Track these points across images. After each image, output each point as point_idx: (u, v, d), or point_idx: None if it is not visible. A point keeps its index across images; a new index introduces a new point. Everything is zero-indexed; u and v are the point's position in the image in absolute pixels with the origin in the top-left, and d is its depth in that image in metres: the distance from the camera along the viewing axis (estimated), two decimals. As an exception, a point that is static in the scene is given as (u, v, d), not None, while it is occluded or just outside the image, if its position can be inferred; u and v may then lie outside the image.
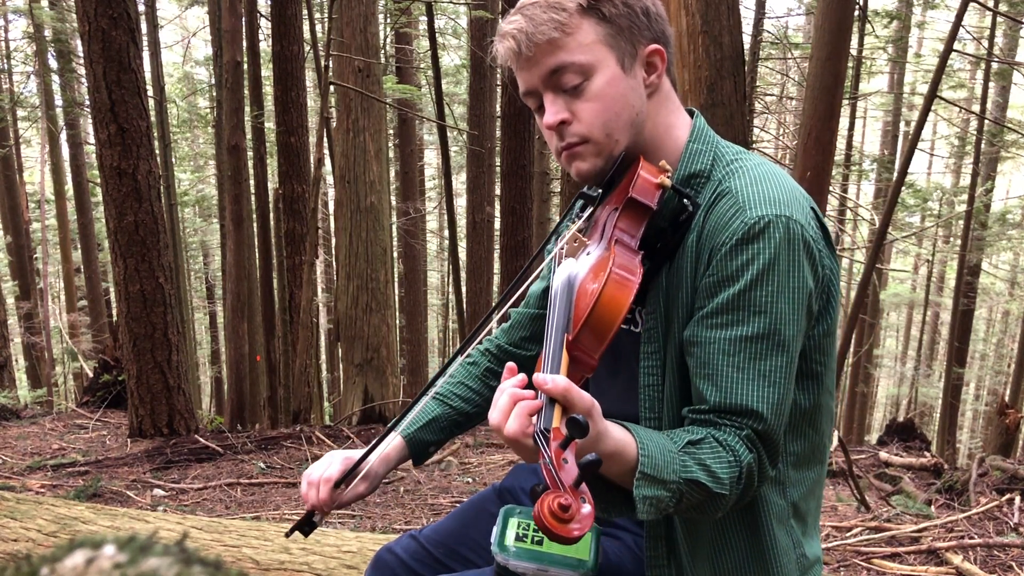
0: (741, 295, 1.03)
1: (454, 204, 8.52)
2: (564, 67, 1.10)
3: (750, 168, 1.11)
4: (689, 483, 0.98)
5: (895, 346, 24.70)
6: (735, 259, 1.04)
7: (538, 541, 1.14)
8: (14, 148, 13.93)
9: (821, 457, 1.20)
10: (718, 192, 1.10)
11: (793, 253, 1.04)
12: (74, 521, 2.54)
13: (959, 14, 6.23)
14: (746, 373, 1.03)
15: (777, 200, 1.05)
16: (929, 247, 18.73)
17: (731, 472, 1.01)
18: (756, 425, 1.03)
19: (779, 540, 1.13)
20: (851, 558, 3.06)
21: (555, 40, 1.09)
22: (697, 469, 0.99)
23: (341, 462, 1.33)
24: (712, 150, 1.16)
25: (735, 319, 1.04)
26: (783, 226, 1.03)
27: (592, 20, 1.09)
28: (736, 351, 1.04)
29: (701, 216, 1.10)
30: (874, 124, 20.21)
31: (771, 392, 1.04)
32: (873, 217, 12.21)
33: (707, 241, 1.08)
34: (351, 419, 6.92)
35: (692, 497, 0.99)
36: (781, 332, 1.04)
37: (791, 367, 1.06)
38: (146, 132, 5.12)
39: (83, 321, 14.12)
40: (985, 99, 11.22)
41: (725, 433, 1.03)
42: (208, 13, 12.95)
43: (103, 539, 0.43)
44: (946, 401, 11.97)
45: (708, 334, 1.06)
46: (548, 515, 0.77)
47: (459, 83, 16.78)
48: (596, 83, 1.11)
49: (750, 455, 1.03)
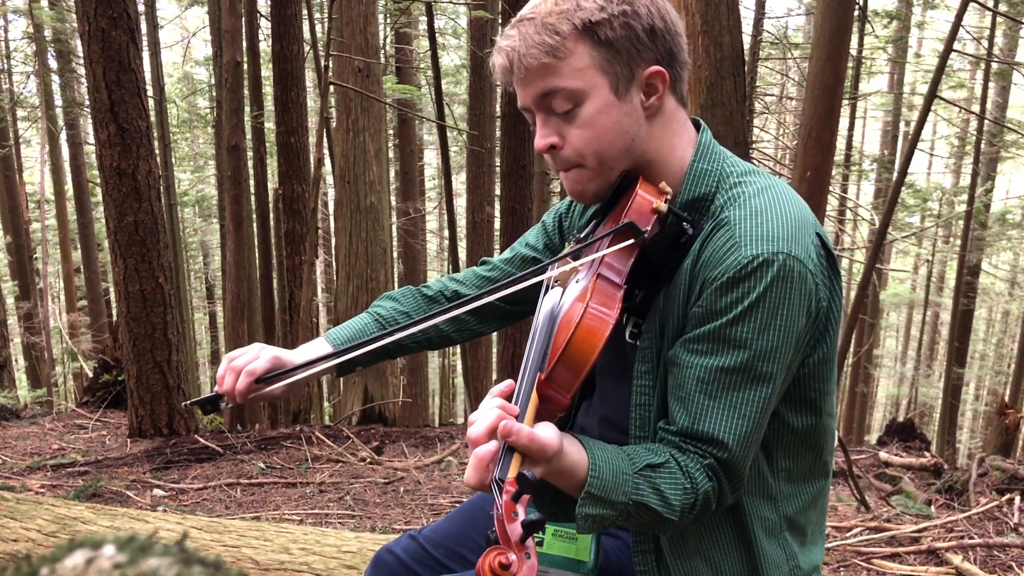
0: (723, 328, 1.03)
1: (454, 204, 8.52)
2: (554, 92, 1.07)
3: (751, 195, 1.08)
4: (638, 505, 1.00)
5: (895, 346, 24.70)
6: (724, 296, 1.03)
7: (538, 542, 1.14)
8: (14, 148, 13.93)
9: (822, 471, 1.20)
10: (716, 223, 1.08)
11: (784, 292, 1.02)
12: (74, 521, 2.54)
13: (959, 14, 6.23)
14: (717, 402, 1.03)
15: (774, 236, 1.03)
16: (929, 247, 18.73)
17: (684, 499, 1.02)
18: (720, 454, 1.03)
19: (768, 553, 1.13)
20: (851, 558, 3.06)
21: (546, 64, 1.06)
22: (650, 493, 1.01)
23: (270, 359, 1.27)
24: (717, 170, 1.13)
25: (714, 349, 1.04)
26: (778, 264, 1.01)
27: (587, 44, 1.05)
28: (711, 379, 1.04)
29: (698, 244, 1.09)
30: (874, 124, 20.20)
31: (739, 423, 1.03)
32: (873, 217, 12.21)
33: (700, 272, 1.07)
34: (351, 419, 6.93)
35: (640, 517, 1.01)
36: (758, 368, 1.03)
37: (767, 401, 1.05)
38: (146, 132, 5.11)
39: (83, 321, 14.12)
40: (985, 99, 11.22)
41: (688, 458, 1.04)
42: (208, 13, 12.95)
43: (103, 539, 0.43)
44: (946, 401, 11.97)
45: (687, 358, 1.06)
46: (488, 571, 0.79)
47: (459, 83, 16.77)
48: (587, 110, 1.08)
49: (708, 483, 1.04)
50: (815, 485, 1.19)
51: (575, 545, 1.15)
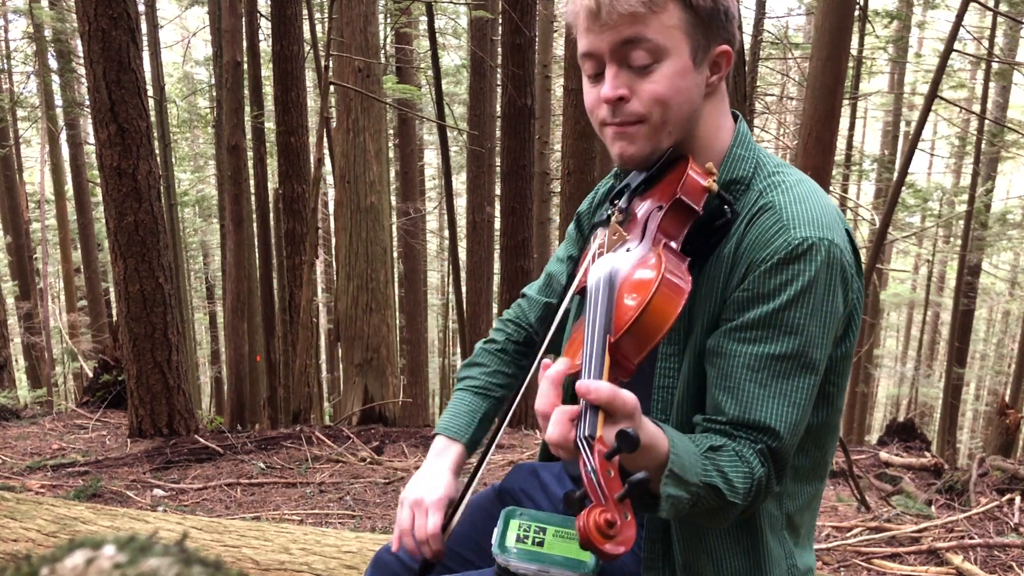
0: (775, 314, 1.02)
1: (454, 204, 8.52)
2: (639, 41, 1.06)
3: (793, 184, 1.10)
4: (708, 487, 0.97)
5: (895, 346, 24.70)
6: (774, 278, 1.03)
7: (539, 543, 1.14)
8: (14, 148, 13.93)
9: (821, 473, 1.20)
10: (760, 205, 1.08)
11: (831, 278, 1.03)
12: (74, 521, 2.54)
13: (959, 14, 6.22)
14: (768, 390, 1.03)
15: (820, 222, 1.04)
16: (929, 247, 18.73)
17: (746, 483, 1.01)
18: (771, 442, 1.03)
19: (772, 549, 1.14)
20: (851, 558, 3.06)
21: (639, 14, 1.05)
22: (716, 475, 0.98)
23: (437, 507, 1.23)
24: (754, 158, 1.15)
25: (764, 336, 1.03)
26: (825, 250, 1.02)
27: (680, 5, 1.06)
28: (761, 367, 1.03)
29: (741, 227, 1.08)
30: (874, 124, 20.21)
31: (790, 412, 1.03)
32: (873, 217, 12.20)
33: (745, 255, 1.06)
34: (351, 419, 6.93)
35: (707, 502, 0.99)
36: (808, 354, 1.03)
37: (813, 389, 1.05)
38: (146, 132, 5.11)
39: (83, 321, 14.12)
40: (985, 99, 11.21)
41: (740, 444, 1.03)
42: (208, 13, 12.96)
43: (103, 539, 0.42)
44: (946, 401, 11.97)
45: (734, 347, 1.05)
46: (594, 530, 0.76)
47: (459, 83, 16.77)
48: (665, 69, 1.08)
49: (762, 469, 1.03)
50: (814, 485, 1.20)
51: (576, 545, 1.15)
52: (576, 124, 6.61)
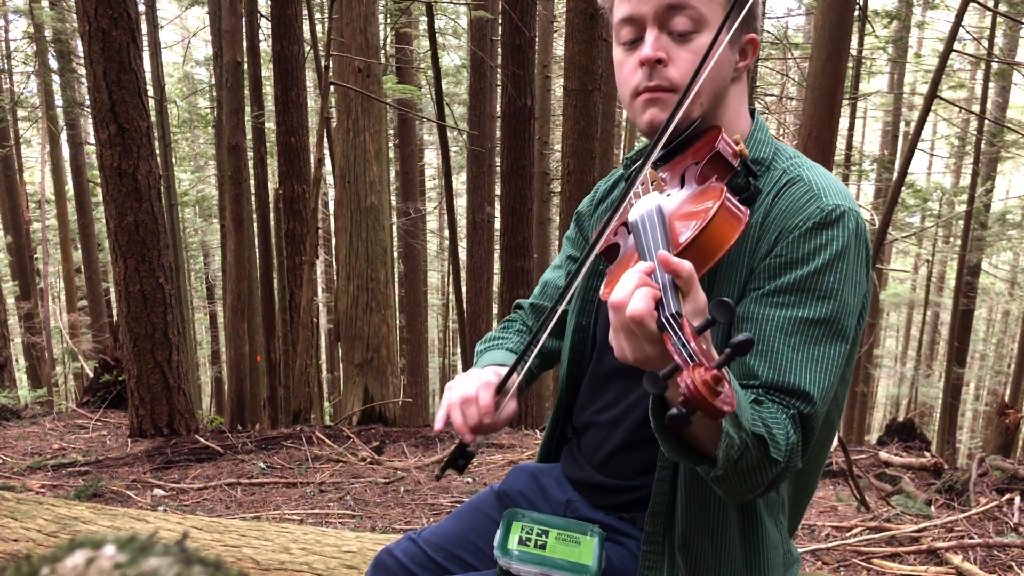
0: (809, 277, 1.03)
1: (454, 204, 8.52)
2: (683, 7, 1.10)
3: (813, 165, 1.14)
4: (755, 437, 0.93)
5: (895, 346, 24.70)
6: (808, 242, 1.03)
7: (541, 545, 1.14)
8: (14, 148, 13.93)
9: (815, 465, 1.20)
10: (787, 180, 1.10)
11: (860, 248, 1.05)
12: (74, 521, 2.54)
13: (959, 14, 6.23)
14: (801, 354, 1.02)
15: (848, 196, 1.08)
16: (929, 247, 18.73)
17: (786, 439, 0.98)
18: (804, 408, 1.01)
19: (769, 532, 1.14)
20: (851, 558, 3.06)
21: None
22: (762, 426, 0.96)
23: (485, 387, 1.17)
24: (773, 144, 1.19)
25: (799, 300, 1.03)
26: (855, 220, 1.05)
27: None
28: (795, 331, 1.02)
29: (768, 199, 1.09)
30: (874, 124, 20.22)
31: (823, 378, 1.02)
32: (873, 217, 12.19)
33: (775, 223, 1.07)
34: (351, 419, 6.92)
35: (751, 455, 0.94)
36: (841, 321, 1.03)
37: (843, 358, 1.05)
38: (146, 132, 5.12)
39: (83, 321, 14.12)
40: (985, 99, 11.22)
41: (775, 407, 1.01)
42: (208, 13, 12.95)
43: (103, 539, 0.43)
44: (946, 401, 11.97)
45: (767, 312, 1.04)
46: (703, 387, 0.72)
47: (459, 83, 16.77)
48: (703, 39, 1.11)
49: (795, 433, 1.00)
50: (806, 476, 1.20)
51: (578, 549, 1.14)
52: (576, 124, 6.61)
